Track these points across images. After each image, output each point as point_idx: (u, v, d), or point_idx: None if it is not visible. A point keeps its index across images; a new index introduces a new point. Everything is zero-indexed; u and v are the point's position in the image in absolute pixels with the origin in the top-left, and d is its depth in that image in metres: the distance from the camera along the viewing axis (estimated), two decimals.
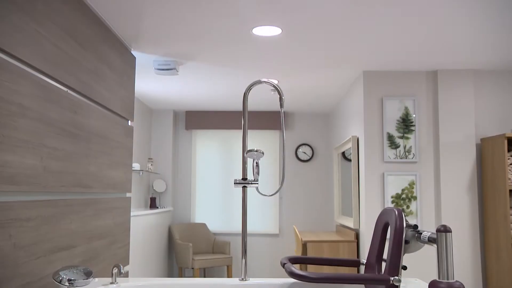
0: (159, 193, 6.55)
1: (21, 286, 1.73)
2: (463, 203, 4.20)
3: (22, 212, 1.73)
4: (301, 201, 6.80)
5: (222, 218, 6.80)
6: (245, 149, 2.47)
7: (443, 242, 1.82)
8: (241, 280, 2.37)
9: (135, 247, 4.89)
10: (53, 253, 1.98)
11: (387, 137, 4.34)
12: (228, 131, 6.92)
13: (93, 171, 2.44)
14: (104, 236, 2.62)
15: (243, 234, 2.49)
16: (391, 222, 2.05)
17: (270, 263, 6.73)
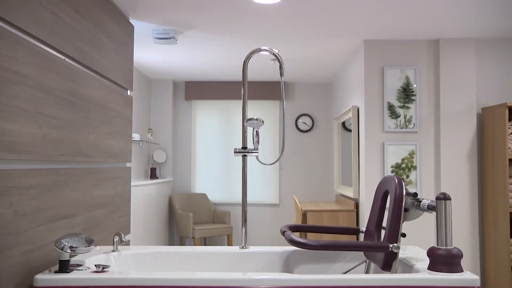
0: (159, 163, 6.57)
1: (24, 253, 1.74)
2: (463, 173, 4.22)
3: (22, 180, 1.73)
4: (301, 171, 6.82)
5: (222, 188, 6.83)
6: (245, 118, 2.46)
7: (442, 209, 1.83)
8: (241, 248, 2.40)
9: (136, 217, 4.93)
10: (54, 221, 2.00)
11: (387, 107, 4.32)
12: (228, 102, 6.89)
13: (92, 140, 2.43)
14: (105, 205, 2.64)
15: (243, 203, 2.50)
16: (391, 190, 2.05)
17: (270, 232, 6.80)
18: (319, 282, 1.73)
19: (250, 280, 1.73)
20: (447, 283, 1.73)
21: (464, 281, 1.73)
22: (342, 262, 2.42)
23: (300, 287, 1.73)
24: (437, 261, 1.80)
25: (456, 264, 1.79)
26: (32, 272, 1.81)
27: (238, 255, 2.35)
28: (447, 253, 1.79)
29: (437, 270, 1.79)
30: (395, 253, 1.96)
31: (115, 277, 1.73)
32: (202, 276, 1.75)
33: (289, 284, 1.73)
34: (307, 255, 2.40)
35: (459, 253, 1.80)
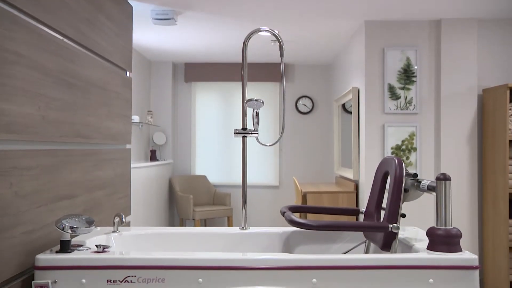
0: (159, 145, 6.57)
1: (25, 233, 1.75)
2: (463, 154, 4.22)
3: (22, 161, 1.73)
4: (301, 153, 6.83)
5: (222, 170, 6.84)
6: (245, 99, 2.45)
7: (442, 190, 1.84)
8: (241, 229, 2.41)
9: (136, 199, 4.95)
10: (55, 202, 2.00)
11: (388, 88, 4.30)
12: (227, 83, 6.86)
13: (92, 121, 2.43)
14: (105, 186, 2.64)
15: (243, 184, 2.51)
16: (391, 171, 2.05)
17: (270, 214, 6.83)
18: (319, 262, 1.74)
19: (250, 260, 1.74)
20: (446, 262, 1.74)
21: (463, 260, 1.74)
22: (342, 242, 2.43)
23: (300, 267, 1.74)
24: (436, 241, 1.81)
25: (455, 244, 1.80)
26: (33, 252, 1.82)
27: (238, 235, 2.37)
28: (446, 233, 1.80)
29: (436, 250, 1.80)
30: (395, 233, 1.97)
31: (116, 257, 1.74)
32: (203, 256, 1.76)
33: (289, 264, 1.74)
34: (307, 235, 2.41)
35: (458, 233, 1.81)
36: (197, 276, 1.73)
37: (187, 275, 1.73)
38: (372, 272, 1.74)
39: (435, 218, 3.97)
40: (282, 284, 1.74)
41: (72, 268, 1.72)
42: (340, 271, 1.74)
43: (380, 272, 1.74)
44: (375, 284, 1.74)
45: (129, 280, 1.73)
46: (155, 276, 1.73)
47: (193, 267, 1.73)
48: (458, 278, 1.74)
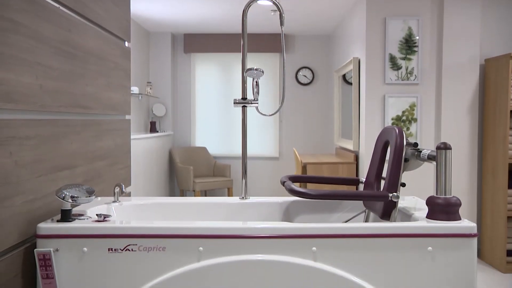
0: (159, 117, 6.55)
1: (26, 202, 1.76)
2: (463, 125, 4.21)
3: (21, 130, 1.72)
4: (301, 124, 6.81)
5: (223, 142, 6.85)
6: (245, 68, 2.43)
7: (442, 159, 1.83)
8: (241, 199, 2.42)
9: (136, 171, 4.96)
10: (55, 172, 2.00)
11: (389, 59, 4.26)
12: (227, 54, 6.80)
13: (91, 92, 2.41)
14: (105, 157, 2.64)
15: (243, 154, 2.51)
16: (392, 140, 2.05)
17: (270, 185, 6.86)
18: (319, 231, 1.75)
19: (250, 229, 1.76)
20: (445, 230, 1.75)
21: (462, 228, 1.76)
22: (342, 212, 2.44)
23: (300, 235, 1.75)
24: (436, 210, 1.82)
25: (454, 213, 1.81)
26: (34, 221, 1.83)
27: (238, 205, 2.38)
28: (446, 202, 1.81)
29: (436, 219, 1.81)
30: (394, 202, 1.98)
31: (117, 226, 1.75)
32: (203, 224, 1.77)
33: (289, 233, 1.75)
34: (306, 205, 2.42)
35: (458, 201, 1.82)
36: (197, 245, 1.75)
37: (188, 244, 1.75)
38: (372, 240, 1.75)
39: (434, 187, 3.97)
40: (282, 253, 1.75)
41: (73, 237, 1.74)
42: (339, 240, 1.75)
43: (379, 241, 1.76)
44: (375, 252, 1.75)
45: (130, 249, 1.75)
46: (156, 245, 1.75)
47: (194, 235, 1.74)
48: (456, 246, 1.75)
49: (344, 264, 1.76)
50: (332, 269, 1.75)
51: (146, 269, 1.75)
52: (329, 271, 1.75)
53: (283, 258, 1.75)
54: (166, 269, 1.75)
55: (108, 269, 1.74)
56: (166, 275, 1.75)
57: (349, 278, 1.75)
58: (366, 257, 1.76)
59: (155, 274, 1.75)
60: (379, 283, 1.75)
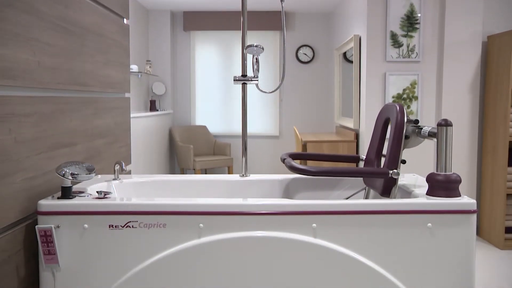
0: (159, 96, 6.52)
1: (26, 179, 1.76)
2: (464, 103, 4.19)
3: (19, 107, 1.71)
4: (301, 103, 6.79)
5: (223, 120, 6.83)
6: (245, 45, 2.40)
7: (443, 135, 1.83)
8: (241, 176, 2.42)
9: (136, 149, 4.96)
10: (55, 150, 2.00)
11: (390, 36, 4.22)
12: (227, 32, 6.74)
13: (89, 69, 2.39)
14: (104, 135, 2.63)
15: (243, 131, 2.50)
16: (392, 117, 2.04)
17: (270, 164, 6.87)
18: (319, 207, 1.76)
19: (250, 206, 1.76)
20: (445, 207, 1.76)
21: (461, 205, 1.76)
22: (342, 189, 2.45)
23: (300, 212, 1.75)
24: (436, 186, 1.82)
25: (454, 189, 1.81)
26: (35, 198, 1.83)
27: (238, 182, 2.38)
28: (446, 179, 1.81)
29: (436, 195, 1.81)
30: (395, 179, 1.98)
31: (117, 203, 1.75)
32: (203, 201, 1.77)
33: (289, 209, 1.76)
34: (307, 182, 2.43)
35: (458, 178, 1.82)
36: (198, 221, 1.75)
37: (188, 220, 1.75)
38: (372, 217, 1.76)
39: (434, 164, 3.95)
40: (283, 229, 1.76)
41: (74, 214, 1.74)
42: (340, 216, 1.76)
43: (379, 217, 1.76)
44: (375, 229, 1.76)
45: (130, 225, 1.75)
46: (156, 221, 1.75)
47: (194, 212, 1.75)
48: (456, 222, 1.76)
49: (344, 241, 1.77)
50: (332, 246, 1.76)
51: (147, 245, 1.76)
52: (329, 247, 1.76)
53: (283, 234, 1.76)
54: (166, 246, 1.76)
55: (109, 245, 1.75)
56: (166, 252, 1.76)
57: (349, 254, 1.76)
58: (366, 233, 1.76)
59: (155, 250, 1.76)
60: (378, 259, 1.77)
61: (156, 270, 1.75)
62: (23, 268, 1.74)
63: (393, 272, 1.77)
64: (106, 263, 1.75)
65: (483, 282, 2.91)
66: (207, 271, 1.76)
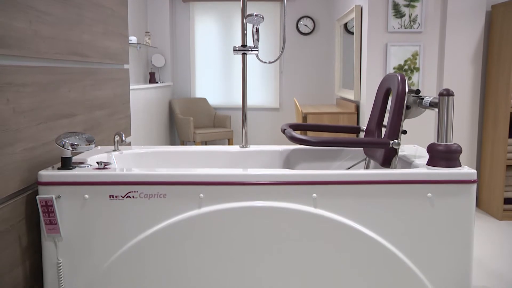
0: (158, 68, 6.48)
1: (26, 150, 1.75)
2: (466, 74, 4.16)
3: (17, 77, 1.69)
4: (302, 74, 6.74)
5: (223, 92, 6.80)
6: (245, 15, 2.37)
7: (444, 105, 1.81)
8: (242, 147, 2.41)
9: (136, 122, 4.95)
10: (54, 120, 1.99)
11: (392, 6, 4.16)
12: (227, 3, 6.64)
13: (87, 39, 2.36)
14: (104, 106, 2.62)
15: (243, 102, 2.48)
16: (393, 87, 2.02)
17: (270, 136, 6.87)
18: (319, 177, 1.76)
19: (250, 176, 1.76)
20: (445, 177, 1.76)
21: (462, 174, 1.76)
22: (342, 160, 2.45)
23: (301, 182, 1.75)
24: (436, 157, 1.82)
25: (454, 159, 1.81)
26: (35, 168, 1.83)
27: (238, 153, 2.38)
28: (447, 149, 1.80)
29: (436, 165, 1.81)
30: (395, 150, 1.97)
31: (117, 173, 1.75)
32: (204, 171, 1.77)
33: (289, 180, 1.76)
34: (307, 153, 2.42)
35: (458, 148, 1.81)
36: (198, 192, 1.76)
37: (188, 191, 1.75)
38: (372, 187, 1.76)
39: (435, 134, 3.94)
40: (283, 200, 1.77)
41: (75, 184, 1.75)
42: (340, 186, 1.76)
43: (379, 187, 1.76)
44: (375, 199, 1.76)
45: (131, 196, 1.76)
46: (157, 192, 1.76)
47: (194, 182, 1.75)
48: (456, 192, 1.76)
49: (344, 211, 1.77)
50: (332, 216, 1.77)
51: (147, 215, 1.76)
52: (329, 217, 1.77)
53: (284, 204, 1.76)
54: (167, 216, 1.77)
55: (109, 215, 1.76)
56: (167, 222, 1.76)
57: (349, 224, 1.77)
58: (366, 203, 1.77)
59: (156, 220, 1.77)
60: (378, 229, 1.78)
61: (156, 240, 1.77)
62: (25, 237, 1.76)
63: (393, 241, 1.78)
64: (107, 233, 1.77)
65: (481, 252, 2.94)
66: (207, 241, 1.77)
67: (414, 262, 1.79)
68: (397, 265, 1.78)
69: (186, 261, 1.78)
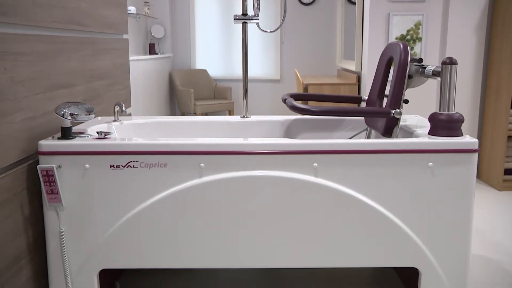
0: (158, 39, 6.41)
1: (25, 119, 1.74)
2: (470, 44, 4.11)
3: (14, 45, 1.67)
4: (303, 45, 6.67)
5: (223, 64, 6.74)
6: None
7: (447, 74, 1.79)
8: (242, 117, 2.40)
9: (136, 93, 4.92)
10: (53, 90, 1.97)
11: None
12: None
13: (85, 7, 2.32)
14: (104, 77, 2.60)
15: (244, 72, 2.46)
16: (396, 56, 2.00)
17: (271, 108, 6.84)
18: (320, 147, 1.75)
19: (251, 145, 1.75)
20: (446, 146, 1.75)
21: (463, 144, 1.75)
22: (343, 131, 2.44)
23: (301, 151, 1.75)
24: (438, 126, 1.81)
25: (456, 129, 1.80)
26: (36, 138, 1.83)
27: (239, 123, 2.37)
28: (449, 118, 1.79)
29: (438, 135, 1.81)
30: (397, 119, 1.96)
31: (118, 143, 1.75)
32: (204, 141, 1.77)
33: (290, 149, 1.75)
34: (308, 123, 2.41)
35: (461, 117, 1.80)
36: (199, 161, 1.75)
37: (189, 160, 1.75)
38: (373, 156, 1.76)
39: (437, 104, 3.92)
40: (283, 169, 1.76)
41: (75, 154, 1.74)
42: (341, 155, 1.76)
43: (380, 157, 1.76)
44: (375, 168, 1.76)
45: (131, 165, 1.76)
46: (157, 161, 1.76)
47: (195, 152, 1.75)
48: (457, 161, 1.76)
49: (345, 180, 1.77)
50: (333, 185, 1.77)
51: (148, 185, 1.77)
52: (330, 186, 1.77)
53: (284, 174, 1.76)
54: (168, 185, 1.77)
55: (110, 185, 1.76)
56: (168, 191, 1.77)
57: (350, 194, 1.77)
58: (367, 173, 1.77)
59: (157, 190, 1.77)
60: (379, 198, 1.78)
61: (157, 209, 1.77)
62: (27, 206, 1.76)
63: (393, 210, 1.79)
64: (108, 202, 1.77)
65: (481, 222, 2.96)
66: (208, 211, 1.78)
67: (414, 231, 1.80)
68: (397, 234, 1.79)
69: (186, 230, 1.79)
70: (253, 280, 2.15)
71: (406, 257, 1.82)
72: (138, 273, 2.22)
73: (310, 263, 1.82)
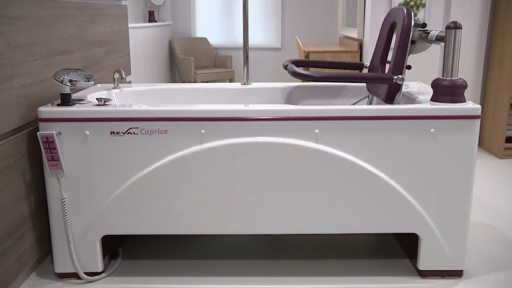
0: (157, 6, 6.31)
1: (24, 86, 1.73)
2: (474, 11, 4.04)
3: (10, 10, 1.64)
4: (304, 13, 6.58)
5: (224, 32, 6.66)
6: None
7: (451, 39, 1.76)
8: (243, 84, 2.38)
9: (136, 61, 4.87)
10: (51, 56, 1.95)
11: None
12: None
13: None
14: (103, 43, 2.56)
15: (245, 38, 2.43)
16: (399, 21, 1.96)
17: (272, 77, 6.79)
18: (321, 113, 1.74)
19: (252, 111, 1.74)
20: (449, 112, 1.74)
21: (466, 110, 1.74)
22: (345, 97, 2.42)
23: (303, 117, 1.74)
24: (441, 92, 1.79)
25: (459, 95, 1.78)
26: (35, 105, 1.82)
27: (240, 90, 2.35)
28: (452, 84, 1.77)
29: (440, 101, 1.79)
30: (399, 85, 1.94)
31: (118, 109, 1.74)
32: (205, 107, 1.75)
33: (291, 115, 1.74)
34: (309, 90, 2.39)
35: (464, 83, 1.78)
36: (199, 127, 1.74)
37: (190, 126, 1.74)
38: (374, 122, 1.75)
39: (440, 69, 3.88)
40: (285, 135, 1.76)
41: (75, 121, 1.73)
42: (342, 122, 1.75)
43: (382, 123, 1.75)
44: (377, 134, 1.75)
45: (132, 132, 1.75)
46: (158, 128, 1.75)
47: (196, 118, 1.74)
48: (459, 127, 1.75)
49: (346, 146, 1.77)
50: (334, 151, 1.77)
51: (149, 151, 1.76)
52: (331, 152, 1.76)
53: (285, 140, 1.76)
54: (168, 152, 1.77)
55: (111, 152, 1.76)
56: (168, 158, 1.77)
57: (351, 160, 1.77)
58: (368, 139, 1.76)
59: (157, 156, 1.77)
60: (380, 164, 1.78)
61: (158, 176, 1.77)
62: (28, 173, 1.77)
63: (395, 177, 1.79)
64: (109, 169, 1.77)
65: (481, 189, 2.97)
66: (209, 177, 1.78)
67: (414, 197, 1.80)
68: (397, 200, 1.80)
69: (187, 196, 1.79)
70: (252, 246, 2.17)
71: (406, 223, 1.82)
72: (140, 239, 2.24)
73: (311, 229, 1.83)
